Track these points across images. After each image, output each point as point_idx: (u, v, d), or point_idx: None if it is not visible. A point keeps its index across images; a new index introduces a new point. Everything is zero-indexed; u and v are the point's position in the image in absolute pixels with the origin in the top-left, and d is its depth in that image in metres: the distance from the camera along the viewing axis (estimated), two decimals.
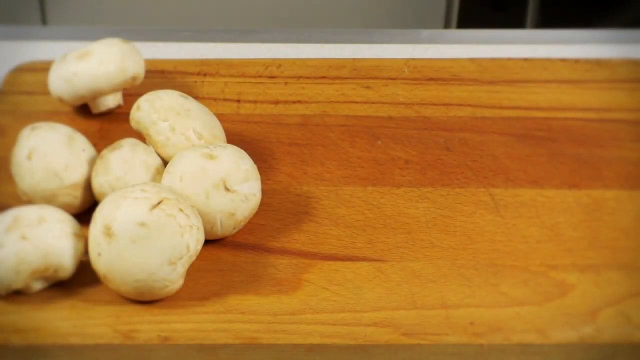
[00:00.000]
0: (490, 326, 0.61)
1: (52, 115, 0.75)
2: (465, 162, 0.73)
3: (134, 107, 0.70)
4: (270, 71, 0.81)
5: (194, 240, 0.61)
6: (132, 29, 0.85)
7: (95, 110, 0.74)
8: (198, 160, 0.64)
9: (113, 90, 0.73)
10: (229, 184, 0.64)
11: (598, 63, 0.82)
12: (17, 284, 0.61)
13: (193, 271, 0.63)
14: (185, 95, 0.71)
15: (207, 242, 0.64)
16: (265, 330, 0.60)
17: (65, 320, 0.60)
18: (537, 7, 1.43)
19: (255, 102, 0.78)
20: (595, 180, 0.72)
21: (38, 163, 0.65)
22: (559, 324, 0.61)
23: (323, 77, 0.80)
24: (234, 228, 0.65)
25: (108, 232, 0.60)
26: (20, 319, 0.60)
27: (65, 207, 0.65)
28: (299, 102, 0.78)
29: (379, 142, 0.74)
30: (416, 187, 0.71)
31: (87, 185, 0.66)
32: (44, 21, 1.32)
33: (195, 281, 0.63)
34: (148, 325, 0.60)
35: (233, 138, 0.73)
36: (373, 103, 0.77)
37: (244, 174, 0.65)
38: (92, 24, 1.30)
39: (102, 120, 0.75)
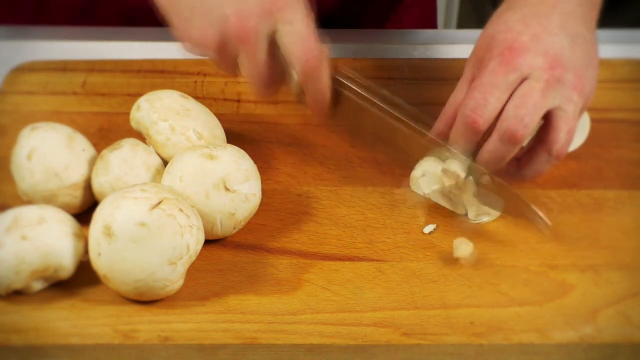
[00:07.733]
0: (490, 326, 0.61)
1: (52, 115, 0.75)
2: None
3: (134, 107, 0.70)
4: None
5: (194, 240, 0.61)
6: (132, 29, 0.85)
7: None
8: (198, 160, 0.64)
9: None
10: (229, 184, 0.64)
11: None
12: (17, 284, 0.61)
13: (193, 271, 0.63)
14: (185, 95, 0.71)
15: (207, 242, 0.64)
16: (265, 330, 0.60)
17: (65, 320, 0.60)
18: None
19: (255, 102, 0.78)
20: (595, 180, 0.72)
21: (38, 163, 0.65)
22: (559, 324, 0.61)
23: None
24: (234, 228, 0.65)
25: (108, 232, 0.60)
26: (20, 319, 0.60)
27: (65, 207, 0.65)
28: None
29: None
30: None
31: (87, 185, 0.66)
32: None
33: (195, 281, 0.63)
34: (148, 325, 0.60)
35: (233, 138, 0.72)
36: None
37: (244, 174, 0.65)
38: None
39: (102, 120, 0.75)
